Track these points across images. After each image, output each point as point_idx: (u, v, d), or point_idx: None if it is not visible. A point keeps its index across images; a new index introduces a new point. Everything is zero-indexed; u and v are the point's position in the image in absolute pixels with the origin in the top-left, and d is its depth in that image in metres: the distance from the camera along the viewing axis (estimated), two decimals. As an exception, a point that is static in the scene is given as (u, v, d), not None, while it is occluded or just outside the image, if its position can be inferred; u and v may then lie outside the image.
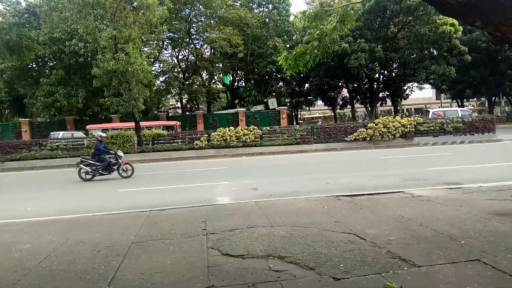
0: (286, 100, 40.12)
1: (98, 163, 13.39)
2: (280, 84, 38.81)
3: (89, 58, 25.71)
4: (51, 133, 26.50)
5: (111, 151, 13.80)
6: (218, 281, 4.06)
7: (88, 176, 13.34)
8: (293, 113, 43.85)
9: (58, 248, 5.45)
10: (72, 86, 27.07)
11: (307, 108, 53.96)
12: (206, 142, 21.53)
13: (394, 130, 22.04)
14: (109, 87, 20.76)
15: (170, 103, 53.03)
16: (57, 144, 21.44)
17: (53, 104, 27.10)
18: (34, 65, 30.49)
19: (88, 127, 25.66)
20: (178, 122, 26.92)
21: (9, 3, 30.84)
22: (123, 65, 19.18)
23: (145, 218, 6.96)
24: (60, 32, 24.82)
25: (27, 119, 31.89)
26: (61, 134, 25.05)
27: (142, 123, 23.92)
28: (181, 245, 5.32)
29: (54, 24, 23.30)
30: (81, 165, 13.37)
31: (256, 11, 35.29)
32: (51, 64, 30.17)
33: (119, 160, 13.62)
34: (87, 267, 4.66)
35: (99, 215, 7.57)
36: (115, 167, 13.54)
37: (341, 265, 4.32)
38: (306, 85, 40.90)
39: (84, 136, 24.56)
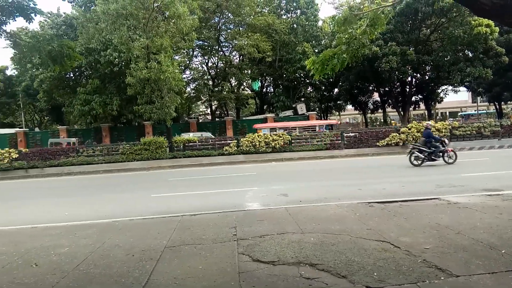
0: (315, 105, 39.85)
1: (429, 150, 14.24)
2: (309, 89, 38.60)
3: (123, 67, 26.56)
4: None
5: (441, 139, 14.66)
6: (249, 287, 4.06)
7: (418, 162, 14.27)
8: (323, 118, 43.45)
9: (95, 252, 5.63)
10: (107, 95, 27.99)
11: (337, 113, 53.20)
12: (236, 148, 21.68)
13: (428, 134, 21.36)
14: (142, 95, 21.42)
15: (200, 109, 53.85)
16: (93, 150, 22.22)
17: (89, 112, 28.08)
18: (71, 75, 31.83)
19: (254, 126, 26.54)
20: (338, 122, 27.55)
21: (48, 15, 32.36)
22: (155, 73, 19.77)
23: (177, 223, 7.07)
24: (95, 43, 25.83)
25: (65, 126, 33.29)
26: (191, 134, 25.54)
27: (299, 123, 26.15)
28: (212, 250, 5.37)
29: (90, 35, 24.32)
30: (413, 150, 14.46)
31: (284, 17, 35.38)
32: (87, 73, 31.41)
33: (445, 147, 14.39)
34: (122, 271, 4.79)
35: (133, 220, 7.75)
36: (441, 154, 14.31)
37: (375, 273, 4.23)
38: (336, 89, 40.45)
39: (212, 136, 26.00)
